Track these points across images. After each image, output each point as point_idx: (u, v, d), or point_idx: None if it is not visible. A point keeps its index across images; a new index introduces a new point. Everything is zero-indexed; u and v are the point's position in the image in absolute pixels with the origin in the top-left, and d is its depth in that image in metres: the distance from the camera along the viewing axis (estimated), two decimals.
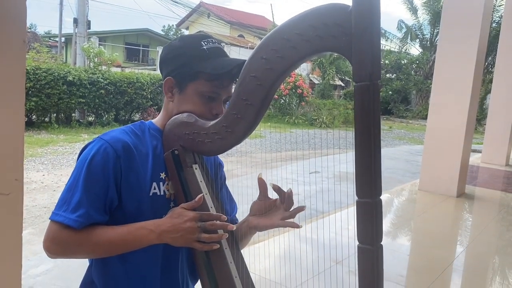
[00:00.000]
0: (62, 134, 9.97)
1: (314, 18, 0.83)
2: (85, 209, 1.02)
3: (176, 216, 1.04)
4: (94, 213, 1.03)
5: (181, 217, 1.03)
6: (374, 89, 0.78)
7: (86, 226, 1.03)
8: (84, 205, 1.02)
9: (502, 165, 8.01)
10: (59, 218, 1.02)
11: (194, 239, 1.03)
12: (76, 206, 1.02)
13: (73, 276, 2.91)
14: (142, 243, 1.04)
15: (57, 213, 1.03)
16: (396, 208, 5.24)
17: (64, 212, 1.02)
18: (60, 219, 1.02)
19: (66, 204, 1.03)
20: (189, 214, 1.03)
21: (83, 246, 1.04)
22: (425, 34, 23.95)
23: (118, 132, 1.10)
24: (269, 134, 10.72)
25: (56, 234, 1.02)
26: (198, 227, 1.02)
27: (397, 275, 3.09)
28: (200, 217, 1.03)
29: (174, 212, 1.05)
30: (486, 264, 3.57)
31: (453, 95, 5.31)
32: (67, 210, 1.02)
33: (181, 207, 1.06)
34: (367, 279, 0.82)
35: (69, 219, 1.01)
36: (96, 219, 1.04)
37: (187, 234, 1.02)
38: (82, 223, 1.02)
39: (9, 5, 0.85)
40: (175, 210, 1.06)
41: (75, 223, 1.01)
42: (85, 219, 1.02)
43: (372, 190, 0.80)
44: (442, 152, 5.43)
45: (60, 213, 1.03)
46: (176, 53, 1.12)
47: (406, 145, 12.68)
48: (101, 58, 12.11)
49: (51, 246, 1.03)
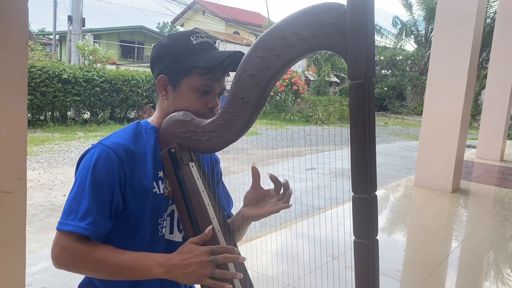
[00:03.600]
0: (58, 132, 9.94)
1: (309, 17, 0.85)
2: (93, 217, 1.01)
3: (186, 251, 1.01)
4: (101, 220, 1.02)
5: (192, 252, 1.00)
6: (369, 87, 0.79)
7: (95, 242, 1.02)
8: (93, 212, 1.01)
9: (496, 161, 8.07)
10: (68, 227, 1.00)
11: (207, 275, 0.99)
12: (85, 214, 1.00)
13: (70, 274, 2.92)
14: (150, 274, 1.01)
15: (65, 222, 1.01)
16: (391, 204, 5.27)
17: (72, 221, 1.00)
18: (70, 228, 1.00)
19: (73, 213, 1.01)
20: (200, 248, 1.01)
21: (90, 262, 1.01)
22: (420, 30, 24.03)
23: (117, 136, 1.10)
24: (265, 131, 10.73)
25: (66, 244, 1.00)
26: (210, 260, 0.99)
27: (393, 270, 3.11)
28: (212, 251, 1.01)
29: (184, 248, 1.02)
30: (481, 259, 3.61)
31: (448, 91, 5.34)
32: (76, 219, 1.00)
33: (191, 242, 1.03)
34: (363, 273, 0.84)
35: (79, 227, 1.00)
36: (104, 226, 1.03)
37: (199, 269, 0.98)
38: (93, 231, 1.01)
39: (11, 8, 0.86)
40: (184, 246, 1.03)
41: (86, 231, 1.00)
42: (95, 226, 1.01)
43: (368, 186, 0.82)
44: (437, 148, 5.47)
45: (69, 222, 1.01)
46: (166, 50, 1.12)
47: (402, 141, 12.74)
48: (96, 55, 12.06)
49: (60, 255, 1.01)
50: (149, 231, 1.11)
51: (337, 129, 10.35)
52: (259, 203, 1.17)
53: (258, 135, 10.27)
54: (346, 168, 0.82)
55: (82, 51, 12.05)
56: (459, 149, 5.43)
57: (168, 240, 1.16)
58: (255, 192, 1.17)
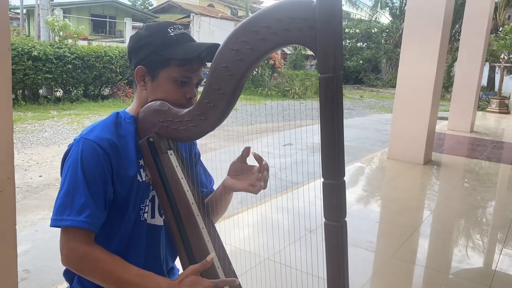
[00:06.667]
0: (30, 112, 9.71)
1: (281, 12, 0.88)
2: (91, 210, 1.03)
3: (190, 283, 1.01)
4: (98, 212, 1.05)
5: (195, 285, 1.01)
6: (337, 80, 0.84)
7: (104, 250, 1.04)
8: (90, 205, 1.03)
9: (467, 132, 8.33)
10: (66, 222, 1.02)
11: None
12: (81, 208, 1.02)
13: (51, 255, 2.95)
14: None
15: (61, 218, 1.02)
16: (366, 177, 5.43)
17: (68, 216, 1.02)
18: (68, 223, 1.02)
19: (68, 208, 1.03)
20: (204, 282, 1.02)
21: (96, 269, 1.03)
22: (395, 2, 24.10)
23: (99, 130, 1.12)
24: (243, 106, 10.74)
25: (74, 245, 1.02)
26: None
27: (367, 241, 3.26)
28: (215, 285, 1.02)
29: (187, 279, 1.02)
30: (450, 227, 3.79)
31: (420, 64, 5.44)
32: (72, 214, 1.02)
33: (193, 271, 1.04)
34: (333, 252, 0.91)
35: (78, 221, 1.01)
36: (101, 218, 1.06)
37: None
38: (92, 224, 1.03)
39: None
40: (187, 277, 1.03)
41: (86, 224, 1.02)
42: (93, 219, 1.03)
43: (336, 173, 0.87)
44: (409, 121, 5.61)
45: (65, 218, 1.02)
46: (144, 42, 1.15)
47: (377, 114, 12.97)
48: (67, 31, 11.71)
49: (69, 255, 1.03)
50: (133, 217, 1.15)
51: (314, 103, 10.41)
52: (241, 175, 1.21)
53: (236, 111, 10.28)
54: None
55: (52, 27, 11.68)
56: (431, 122, 5.60)
57: (150, 224, 1.21)
58: (240, 164, 1.21)
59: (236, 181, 1.20)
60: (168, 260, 1.30)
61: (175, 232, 1.14)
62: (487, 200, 4.63)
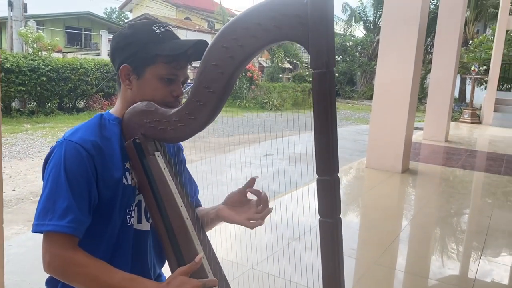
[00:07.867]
0: (2, 125, 9.43)
1: (272, 8, 0.88)
2: (74, 214, 0.98)
3: (178, 284, 0.99)
4: (82, 216, 1.01)
5: (184, 285, 0.99)
6: (330, 75, 0.84)
7: (88, 255, 1.00)
8: (73, 209, 0.99)
9: (442, 141, 8.51)
10: (48, 227, 0.98)
11: None
12: (64, 212, 0.98)
13: (27, 270, 2.84)
14: None
15: (42, 223, 0.98)
16: (345, 186, 5.46)
17: (50, 220, 0.98)
18: (50, 228, 0.98)
19: (50, 212, 0.98)
20: (192, 282, 1.00)
21: (81, 275, 0.99)
22: (369, 16, 24.68)
23: (83, 131, 1.08)
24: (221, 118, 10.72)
25: (57, 251, 0.98)
26: None
27: (349, 248, 3.26)
28: (204, 285, 1.00)
29: (176, 280, 1.00)
30: (429, 234, 3.84)
31: (396, 76, 5.55)
32: (54, 218, 0.98)
33: (181, 273, 1.01)
34: (328, 249, 0.90)
35: (60, 226, 0.97)
36: (85, 223, 1.01)
37: None
38: (75, 229, 0.98)
39: None
40: (175, 278, 1.00)
41: (69, 229, 0.98)
42: (76, 224, 0.99)
43: (331, 169, 0.87)
44: (387, 130, 5.70)
45: (47, 223, 0.98)
46: (129, 40, 1.12)
47: (353, 125, 13.13)
48: (41, 43, 11.48)
49: (52, 262, 0.98)
50: (119, 222, 1.11)
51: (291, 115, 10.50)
52: (238, 208, 1.20)
53: (215, 123, 10.22)
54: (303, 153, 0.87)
55: (26, 39, 11.43)
56: (408, 131, 5.69)
57: (137, 230, 1.17)
58: (239, 195, 1.20)
59: (233, 213, 1.19)
60: (156, 267, 1.26)
61: (163, 235, 1.10)
62: (464, 206, 4.72)
